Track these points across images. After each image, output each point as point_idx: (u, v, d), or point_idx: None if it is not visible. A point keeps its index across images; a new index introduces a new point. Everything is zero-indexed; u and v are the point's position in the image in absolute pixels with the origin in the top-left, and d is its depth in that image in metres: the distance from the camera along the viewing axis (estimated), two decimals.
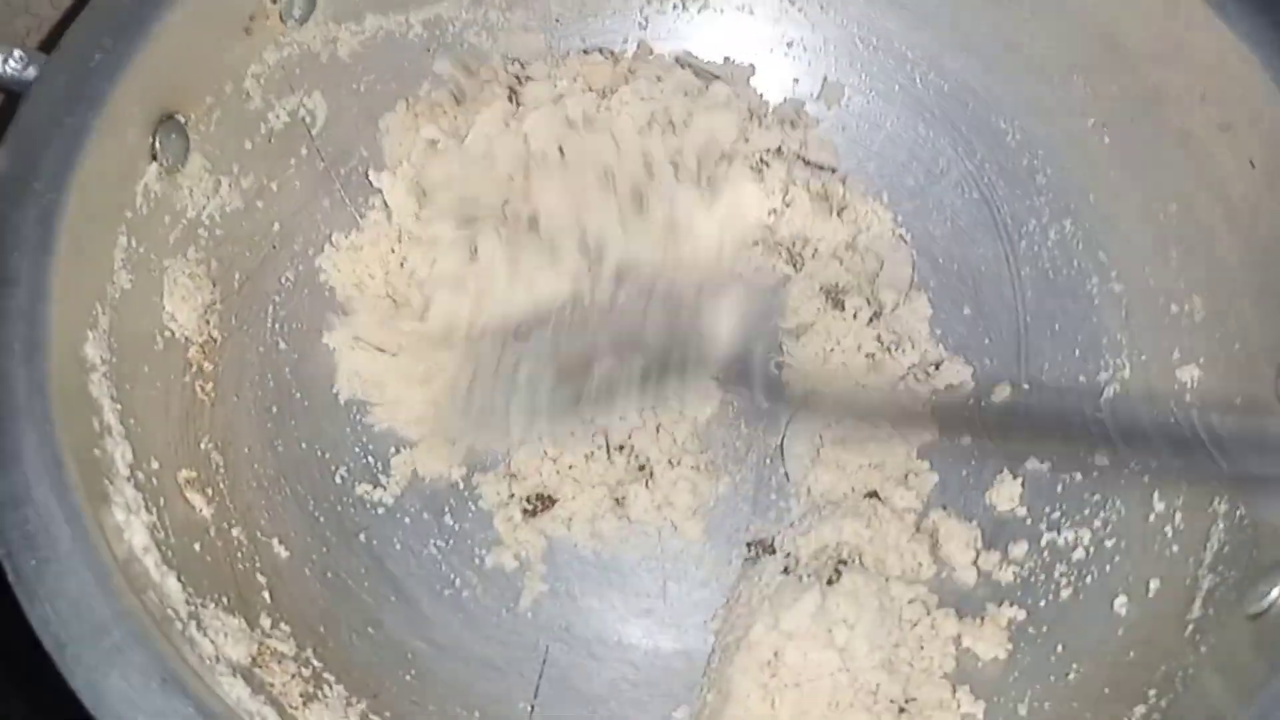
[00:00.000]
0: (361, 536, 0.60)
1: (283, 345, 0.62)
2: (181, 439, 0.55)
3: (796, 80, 0.71)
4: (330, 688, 0.53)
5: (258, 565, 0.56)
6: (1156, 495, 0.59)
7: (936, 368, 0.66)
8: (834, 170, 0.69)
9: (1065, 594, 0.59)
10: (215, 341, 0.59)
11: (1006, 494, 0.62)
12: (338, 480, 0.61)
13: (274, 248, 0.63)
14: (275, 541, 0.57)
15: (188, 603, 0.48)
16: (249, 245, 0.62)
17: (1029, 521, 0.62)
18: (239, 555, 0.55)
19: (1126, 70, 0.62)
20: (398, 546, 0.60)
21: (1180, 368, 0.60)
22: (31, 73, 0.53)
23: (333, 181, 0.66)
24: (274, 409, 0.61)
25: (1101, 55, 0.63)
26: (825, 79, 0.71)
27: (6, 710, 0.53)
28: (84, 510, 0.43)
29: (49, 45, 0.56)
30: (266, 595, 0.55)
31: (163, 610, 0.45)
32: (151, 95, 0.54)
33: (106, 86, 0.51)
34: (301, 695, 0.50)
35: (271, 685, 0.49)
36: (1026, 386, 0.65)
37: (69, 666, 0.40)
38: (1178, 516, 0.58)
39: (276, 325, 0.62)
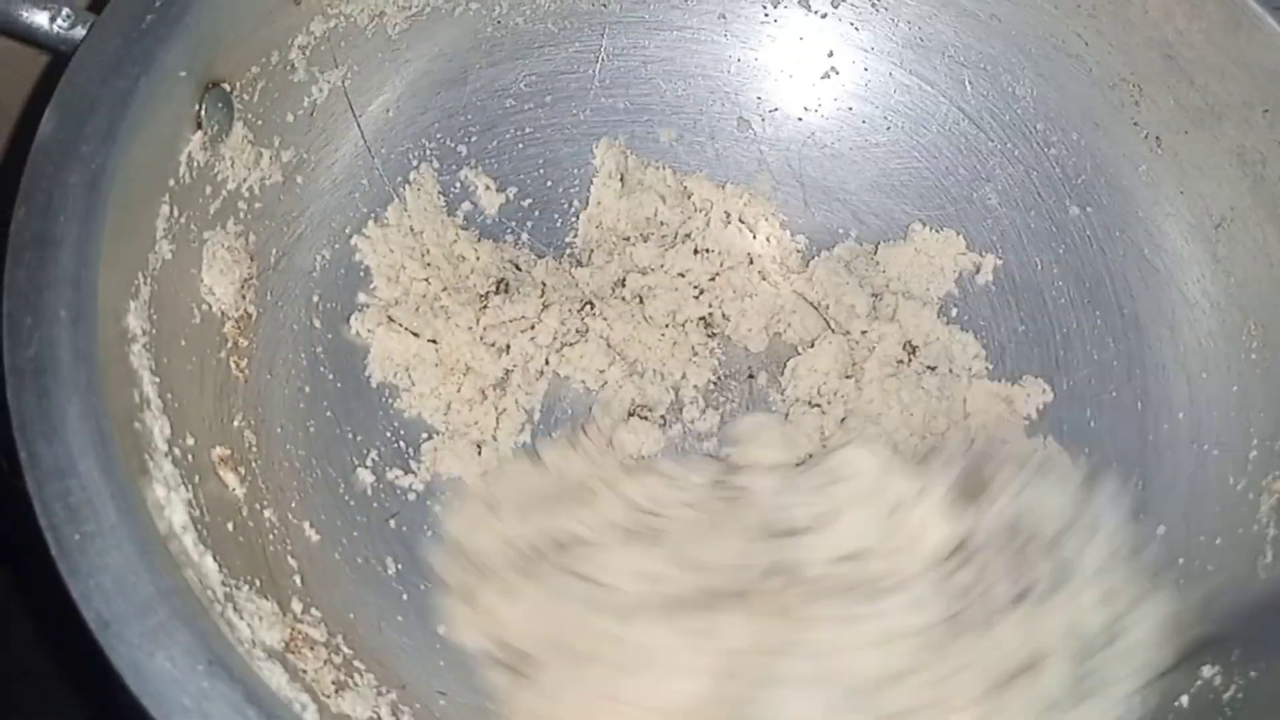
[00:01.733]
0: (391, 523, 0.59)
1: (317, 324, 0.61)
2: (216, 415, 0.54)
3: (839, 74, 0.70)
4: (361, 676, 0.51)
5: (289, 548, 0.54)
6: None
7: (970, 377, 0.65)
8: None
9: None
10: (250, 317, 0.58)
11: None
12: (369, 464, 0.60)
13: (312, 224, 0.62)
14: (307, 525, 0.56)
15: (223, 584, 0.47)
16: (287, 220, 0.61)
17: None
18: (271, 537, 0.54)
19: (1184, 82, 0.62)
20: (428, 533, 0.59)
21: (1232, 386, 0.60)
22: (79, 32, 0.51)
23: (372, 159, 0.65)
24: (306, 389, 0.60)
25: (1159, 66, 0.62)
26: (875, 76, 0.70)
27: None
28: (128, 485, 0.42)
29: (95, 5, 0.55)
30: (298, 579, 0.53)
31: (202, 590, 0.44)
32: (199, 61, 0.53)
33: (156, 49, 0.50)
34: (334, 683, 0.49)
35: (304, 672, 0.48)
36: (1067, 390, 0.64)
37: (111, 644, 0.38)
38: None
39: (312, 303, 0.61)
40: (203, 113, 0.54)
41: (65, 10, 0.52)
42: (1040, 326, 0.67)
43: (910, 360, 0.65)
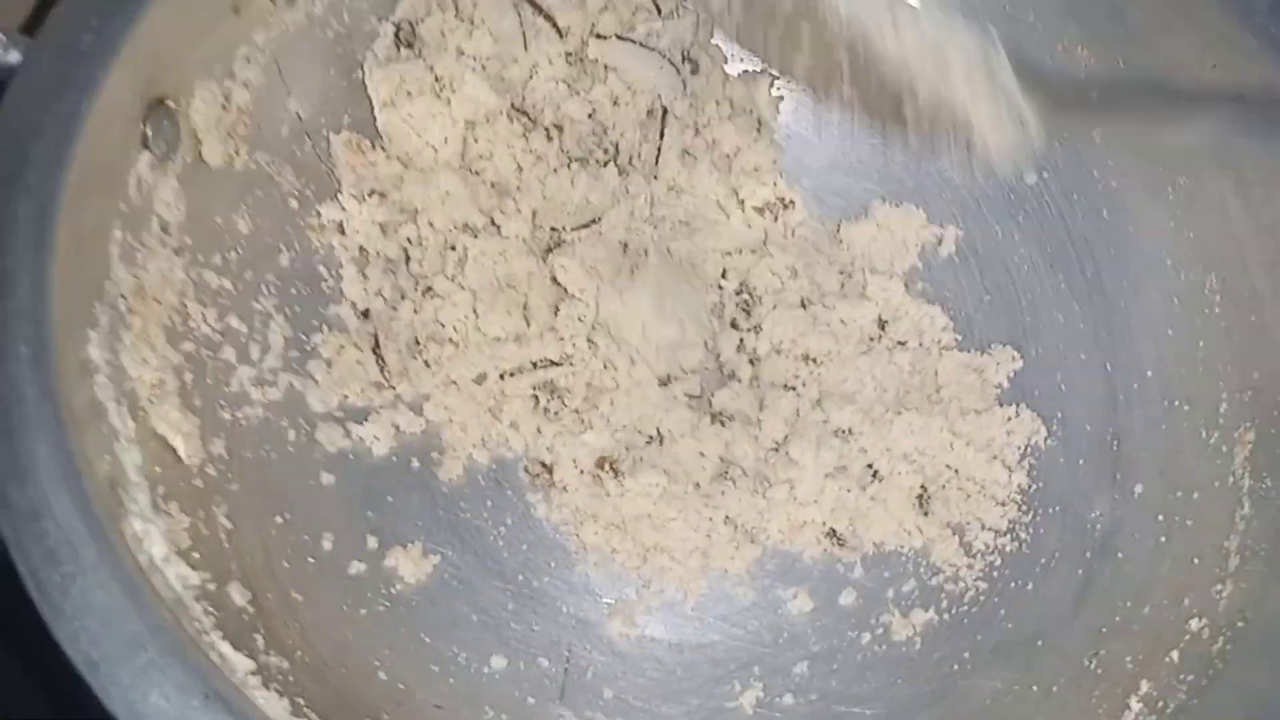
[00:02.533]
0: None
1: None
2: None
3: None
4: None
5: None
6: None
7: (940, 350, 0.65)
8: None
9: None
10: None
11: None
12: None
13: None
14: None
15: (207, 614, 0.46)
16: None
17: None
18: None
19: (1132, 42, 0.62)
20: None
21: (1199, 341, 0.61)
22: (14, 57, 0.50)
23: (321, 164, 0.63)
24: None
25: (1106, 27, 0.63)
26: None
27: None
28: (105, 521, 0.41)
29: (27, 28, 0.53)
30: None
31: (189, 621, 0.43)
32: (142, 79, 0.51)
33: (97, 70, 0.49)
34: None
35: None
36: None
37: (103, 686, 0.37)
38: None
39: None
40: (149, 132, 0.52)
41: None
42: (1006, 295, 0.67)
43: (881, 337, 0.66)
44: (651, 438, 0.61)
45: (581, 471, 0.60)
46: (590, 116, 0.62)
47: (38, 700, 0.50)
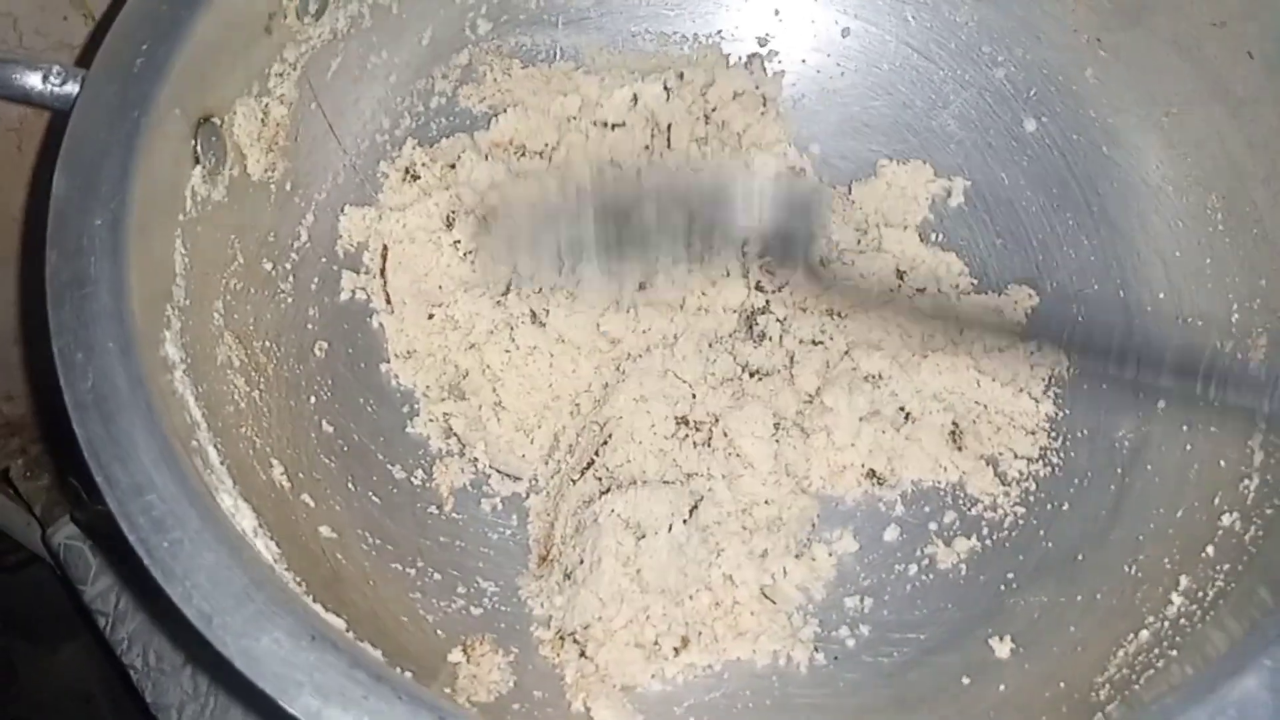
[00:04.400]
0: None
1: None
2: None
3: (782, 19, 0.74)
4: None
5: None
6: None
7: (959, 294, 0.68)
8: None
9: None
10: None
11: None
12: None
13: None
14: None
15: (296, 582, 0.49)
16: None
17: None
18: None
19: None
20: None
21: (1205, 259, 0.63)
22: (71, 88, 0.53)
23: (357, 176, 0.67)
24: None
25: None
26: (822, 27, 0.73)
27: None
28: (203, 492, 0.44)
29: (83, 61, 0.57)
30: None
31: (284, 583, 0.46)
32: (190, 97, 0.55)
33: (150, 90, 0.52)
34: None
35: None
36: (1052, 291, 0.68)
37: (218, 636, 0.40)
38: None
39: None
40: (198, 147, 0.56)
41: (56, 68, 0.53)
42: (1017, 237, 0.70)
43: (900, 286, 0.68)
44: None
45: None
46: None
47: None
